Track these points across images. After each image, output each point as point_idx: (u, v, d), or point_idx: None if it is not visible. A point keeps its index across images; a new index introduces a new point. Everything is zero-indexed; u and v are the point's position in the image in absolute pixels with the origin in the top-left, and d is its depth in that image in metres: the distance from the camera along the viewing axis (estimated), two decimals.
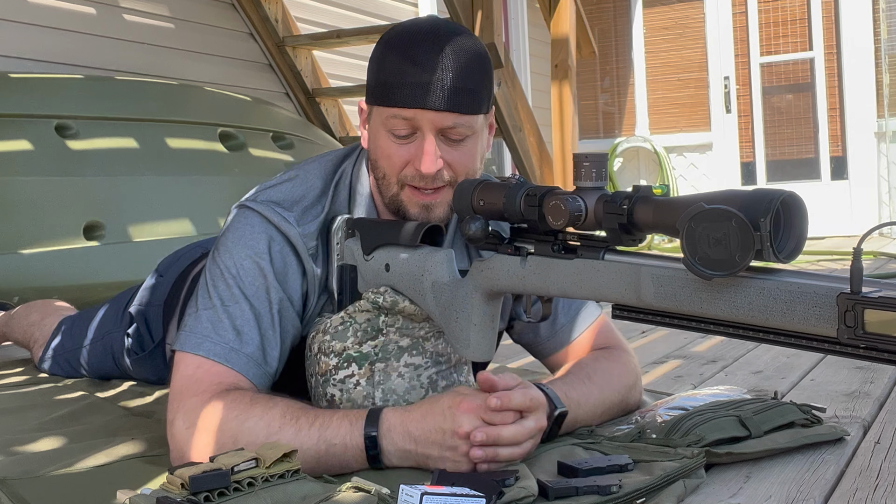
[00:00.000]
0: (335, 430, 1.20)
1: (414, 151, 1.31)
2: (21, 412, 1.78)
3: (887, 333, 0.86)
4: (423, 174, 1.31)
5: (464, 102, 1.30)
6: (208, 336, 1.29)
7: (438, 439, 1.17)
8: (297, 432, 1.19)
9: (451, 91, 1.28)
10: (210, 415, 1.22)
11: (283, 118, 4.31)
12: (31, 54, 3.60)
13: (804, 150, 7.55)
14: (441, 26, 1.33)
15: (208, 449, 1.20)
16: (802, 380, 1.93)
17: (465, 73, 1.30)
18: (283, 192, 1.39)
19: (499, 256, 1.22)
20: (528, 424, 1.21)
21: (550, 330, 1.53)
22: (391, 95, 1.30)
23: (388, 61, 1.31)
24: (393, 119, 1.30)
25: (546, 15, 4.85)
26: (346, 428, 1.20)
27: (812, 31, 7.45)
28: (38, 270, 2.95)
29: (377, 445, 1.19)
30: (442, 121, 1.29)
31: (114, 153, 3.37)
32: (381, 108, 1.32)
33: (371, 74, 1.35)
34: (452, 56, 1.29)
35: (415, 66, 1.28)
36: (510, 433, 1.18)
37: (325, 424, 1.20)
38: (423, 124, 1.29)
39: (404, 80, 1.28)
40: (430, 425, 1.18)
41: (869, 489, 1.19)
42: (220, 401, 1.23)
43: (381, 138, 1.33)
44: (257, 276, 1.33)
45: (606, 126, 8.27)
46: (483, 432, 1.17)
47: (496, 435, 1.18)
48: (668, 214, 1.01)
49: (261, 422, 1.20)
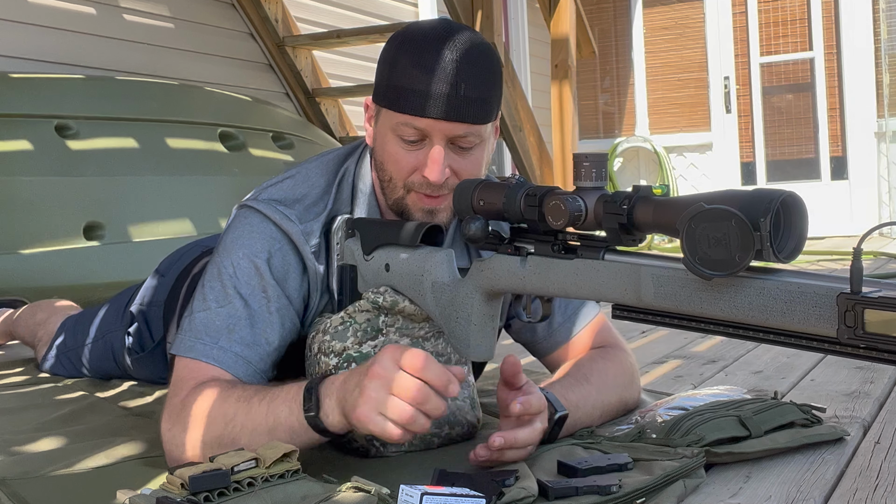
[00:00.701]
0: (282, 399, 1.19)
1: (422, 158, 1.31)
2: (21, 412, 1.78)
3: (887, 333, 0.86)
4: (429, 182, 1.31)
5: (475, 113, 1.30)
6: (199, 338, 1.30)
7: (357, 381, 1.12)
8: (248, 413, 1.19)
9: (464, 102, 1.28)
10: (183, 413, 1.23)
11: (283, 118, 4.31)
12: (31, 54, 3.60)
13: (804, 150, 7.55)
14: (455, 31, 1.32)
15: (187, 446, 1.22)
16: (802, 380, 1.93)
17: (479, 84, 1.29)
18: (285, 189, 1.39)
19: (499, 256, 1.22)
20: (537, 427, 1.22)
21: (548, 329, 1.53)
22: (402, 102, 1.29)
23: (400, 65, 1.30)
24: (403, 126, 1.30)
25: (546, 15, 4.85)
26: (294, 392, 1.18)
27: (812, 31, 7.45)
28: (38, 270, 2.95)
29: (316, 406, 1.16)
30: (453, 130, 1.29)
31: (114, 153, 3.37)
32: (392, 112, 1.31)
33: (381, 75, 1.34)
34: (466, 65, 1.28)
35: (428, 73, 1.27)
36: (525, 436, 1.20)
37: (273, 396, 1.19)
38: (434, 133, 1.29)
39: (416, 87, 1.28)
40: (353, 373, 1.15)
41: (869, 489, 1.19)
42: (189, 397, 1.24)
43: (389, 143, 1.33)
44: (253, 275, 1.32)
45: (606, 126, 8.27)
46: (502, 437, 1.18)
47: (513, 439, 1.19)
48: (668, 214, 1.01)
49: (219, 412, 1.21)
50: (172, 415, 1.25)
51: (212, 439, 1.20)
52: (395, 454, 1.35)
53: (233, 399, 1.21)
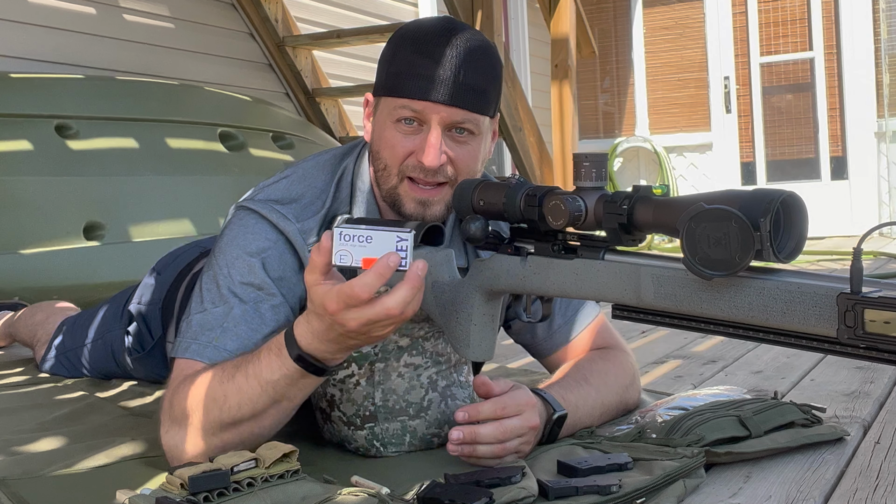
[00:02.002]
0: (268, 368, 1.17)
1: (418, 143, 1.31)
2: (21, 412, 1.78)
3: (887, 333, 0.86)
4: (425, 167, 1.31)
5: (473, 100, 1.30)
6: (196, 338, 1.30)
7: (346, 337, 1.11)
8: (239, 391, 1.18)
9: (462, 87, 1.29)
10: (174, 409, 1.23)
11: (283, 118, 4.32)
12: (31, 54, 3.60)
13: (804, 150, 7.55)
14: (457, 25, 1.34)
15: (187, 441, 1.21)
16: (802, 380, 1.93)
17: (477, 72, 1.30)
18: (281, 189, 1.38)
19: (499, 256, 1.22)
20: (508, 424, 1.23)
21: (548, 330, 1.53)
22: (402, 86, 1.30)
23: (400, 54, 1.32)
24: (401, 109, 1.30)
25: (546, 15, 4.85)
26: (277, 362, 1.17)
27: (812, 31, 7.45)
28: (38, 270, 2.95)
29: (312, 360, 1.15)
30: (450, 116, 1.30)
31: (114, 153, 3.38)
32: (391, 98, 1.32)
33: (382, 68, 1.35)
34: (466, 54, 1.29)
35: (427, 59, 1.28)
36: (487, 432, 1.22)
37: (257, 370, 1.18)
38: (431, 117, 1.30)
39: (416, 71, 1.29)
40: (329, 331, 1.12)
41: (869, 489, 1.19)
42: (176, 393, 1.24)
43: (388, 129, 1.33)
44: (248, 275, 1.32)
45: (606, 126, 8.27)
46: (460, 430, 1.21)
47: (473, 434, 1.21)
48: (668, 214, 1.01)
49: (208, 398, 1.20)
50: (165, 415, 1.26)
51: (211, 426, 1.20)
52: (395, 454, 1.35)
53: (216, 382, 1.20)
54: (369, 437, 1.34)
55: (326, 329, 1.11)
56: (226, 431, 1.20)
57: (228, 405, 1.19)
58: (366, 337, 1.11)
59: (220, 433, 1.20)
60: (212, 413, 1.20)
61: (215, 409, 1.19)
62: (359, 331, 1.09)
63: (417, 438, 1.36)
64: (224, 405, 1.19)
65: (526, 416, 1.24)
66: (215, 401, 1.19)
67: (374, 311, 1.07)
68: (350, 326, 1.08)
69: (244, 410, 1.18)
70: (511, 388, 1.26)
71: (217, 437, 1.20)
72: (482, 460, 1.23)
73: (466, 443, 1.22)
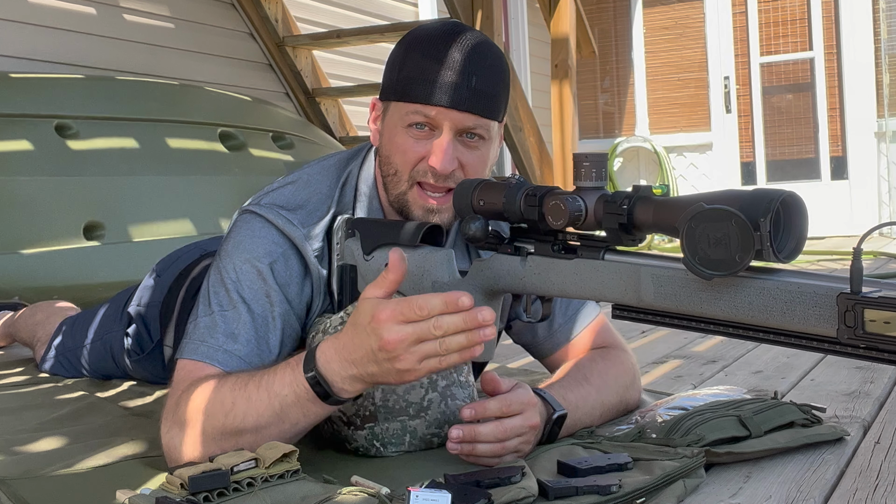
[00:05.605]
0: (280, 382, 1.17)
1: (430, 148, 1.32)
2: (21, 412, 1.78)
3: (887, 333, 0.86)
4: (436, 171, 1.31)
5: (484, 105, 1.31)
6: (204, 341, 1.29)
7: (372, 357, 1.10)
8: (248, 400, 1.18)
9: (475, 93, 1.29)
10: (179, 411, 1.23)
11: (283, 118, 4.32)
12: (31, 54, 3.60)
13: (804, 150, 7.55)
14: (466, 30, 1.34)
15: (186, 444, 1.21)
16: (802, 380, 1.93)
17: (489, 77, 1.31)
18: (287, 195, 1.38)
19: (499, 256, 1.22)
20: (509, 423, 1.23)
21: (548, 330, 1.53)
22: (413, 91, 1.30)
23: (411, 59, 1.32)
24: (413, 115, 1.31)
25: (546, 15, 4.85)
26: (290, 376, 1.17)
27: (812, 31, 7.45)
28: (38, 270, 2.95)
29: (322, 382, 1.15)
30: (462, 121, 1.30)
31: (114, 153, 3.38)
32: (402, 103, 1.32)
33: (390, 72, 1.35)
34: (478, 60, 1.30)
35: (440, 64, 1.29)
36: (487, 430, 1.21)
37: (270, 381, 1.18)
38: (443, 122, 1.30)
39: (428, 76, 1.29)
40: (359, 346, 1.11)
41: (869, 489, 1.19)
42: (185, 394, 1.24)
43: (398, 134, 1.33)
44: (255, 280, 1.32)
45: (606, 126, 8.27)
46: (460, 429, 1.21)
47: (472, 432, 1.21)
48: (668, 214, 1.01)
49: (216, 403, 1.20)
50: (169, 415, 1.25)
51: (213, 431, 1.20)
52: (395, 454, 1.35)
53: (227, 388, 1.20)
54: (369, 436, 1.34)
55: (356, 343, 1.10)
56: (226, 440, 1.19)
57: (234, 413, 1.18)
58: (390, 365, 1.08)
59: (220, 441, 1.19)
60: (216, 419, 1.19)
61: (220, 416, 1.19)
62: (390, 352, 1.07)
63: (417, 438, 1.36)
64: (230, 412, 1.19)
65: (526, 416, 1.25)
66: (223, 407, 1.19)
67: (420, 327, 1.06)
68: (386, 339, 1.06)
69: (248, 421, 1.18)
70: (514, 386, 1.26)
71: (216, 444, 1.19)
72: (482, 459, 1.23)
73: (466, 441, 1.22)
